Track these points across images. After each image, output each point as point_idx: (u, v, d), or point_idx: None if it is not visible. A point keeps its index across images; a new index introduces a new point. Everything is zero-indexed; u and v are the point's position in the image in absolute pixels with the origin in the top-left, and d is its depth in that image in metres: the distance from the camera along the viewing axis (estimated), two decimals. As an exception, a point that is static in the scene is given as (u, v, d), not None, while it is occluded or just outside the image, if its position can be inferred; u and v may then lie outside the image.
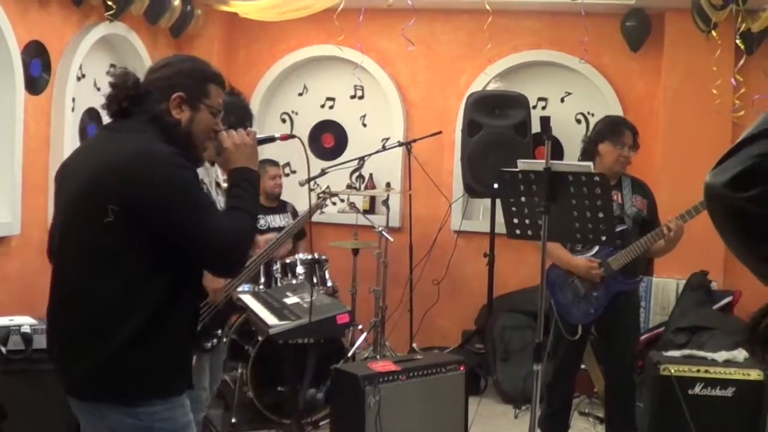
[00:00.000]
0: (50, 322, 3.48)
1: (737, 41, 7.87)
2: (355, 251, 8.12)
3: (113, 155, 3.32)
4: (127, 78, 3.45)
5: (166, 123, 3.46)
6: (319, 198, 7.31)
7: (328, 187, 7.67)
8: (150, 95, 3.45)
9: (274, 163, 8.36)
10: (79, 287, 3.33)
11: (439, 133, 8.65)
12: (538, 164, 4.80)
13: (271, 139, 3.88)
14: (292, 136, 3.97)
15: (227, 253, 3.42)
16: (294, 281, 7.04)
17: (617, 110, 8.49)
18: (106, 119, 3.56)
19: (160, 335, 3.31)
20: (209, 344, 4.92)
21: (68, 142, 7.33)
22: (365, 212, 8.85)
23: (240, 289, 6.82)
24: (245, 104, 5.32)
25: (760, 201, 1.70)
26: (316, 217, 8.89)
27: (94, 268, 3.30)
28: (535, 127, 8.30)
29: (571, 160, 8.09)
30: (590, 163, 5.13)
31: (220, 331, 5.05)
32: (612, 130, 6.12)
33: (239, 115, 4.88)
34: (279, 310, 5.32)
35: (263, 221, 7.84)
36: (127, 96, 3.42)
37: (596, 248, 6.04)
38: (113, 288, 3.26)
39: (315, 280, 7.22)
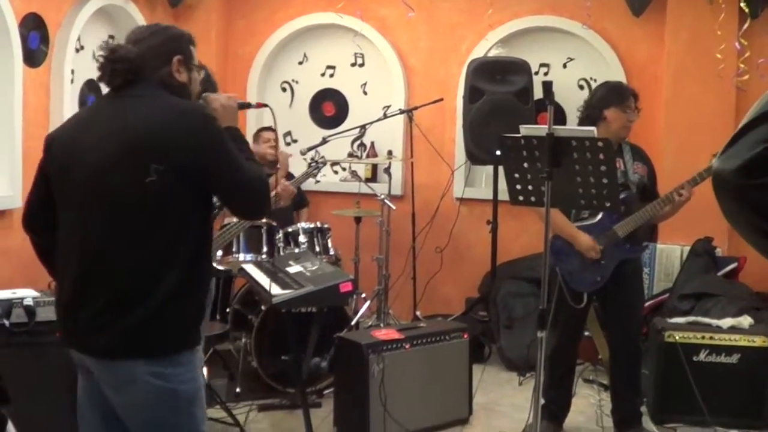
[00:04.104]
0: (78, 287, 3.47)
1: (741, 4, 7.82)
2: (358, 220, 8.10)
3: (145, 117, 3.45)
4: (120, 50, 3.56)
5: (174, 85, 3.62)
6: (310, 166, 7.29)
7: (322, 156, 7.62)
8: (150, 62, 3.56)
9: (268, 128, 8.32)
10: (116, 250, 3.39)
11: (441, 100, 8.61)
12: (540, 129, 4.75)
13: (247, 105, 4.16)
14: (265, 105, 4.30)
15: (261, 195, 3.64)
16: (296, 250, 7.02)
17: (620, 76, 8.44)
18: (105, 90, 3.62)
19: (192, 289, 3.49)
20: None
21: (68, 114, 7.25)
22: (367, 180, 8.83)
23: (242, 258, 6.84)
24: (208, 76, 5.43)
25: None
26: (318, 186, 8.87)
27: (131, 229, 3.39)
28: (537, 93, 8.24)
29: (574, 126, 8.05)
30: (593, 128, 5.07)
31: None
32: (619, 95, 6.07)
33: (205, 86, 5.06)
34: (282, 279, 5.31)
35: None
36: (131, 67, 3.53)
37: (601, 215, 6.01)
38: (151, 247, 3.39)
39: (317, 249, 7.20)
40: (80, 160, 3.50)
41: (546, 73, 9.07)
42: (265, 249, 7.01)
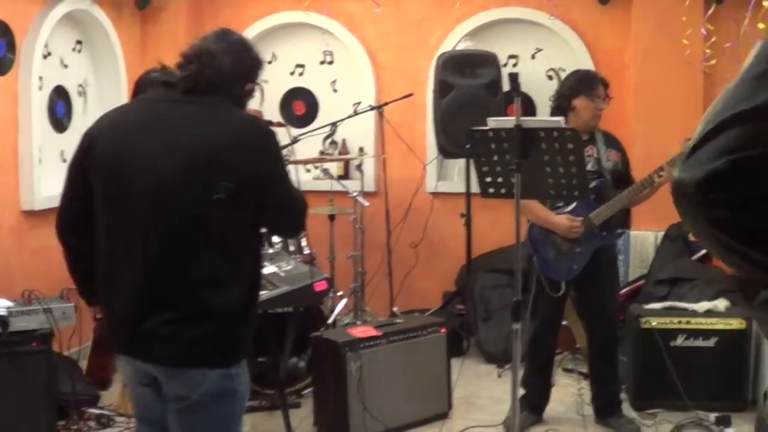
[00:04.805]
0: (139, 298, 3.51)
1: (706, -11, 7.85)
2: (331, 217, 8.07)
3: (218, 131, 3.50)
4: (218, 58, 3.58)
5: (243, 104, 3.80)
6: None
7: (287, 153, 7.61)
8: (234, 80, 3.65)
9: None
10: (183, 265, 3.45)
11: (411, 95, 8.59)
12: (508, 121, 4.76)
13: (270, 123, 4.46)
14: (284, 125, 4.88)
15: (303, 214, 3.84)
16: (270, 250, 6.99)
17: (588, 64, 8.45)
18: (75, 96, 3.65)
19: (251, 303, 3.64)
20: None
21: (37, 121, 7.27)
22: (340, 178, 8.79)
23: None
24: None
25: (730, 205, 1.65)
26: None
27: (198, 242, 3.46)
28: (507, 86, 8.24)
29: (543, 116, 8.06)
30: (561, 118, 5.09)
31: None
32: (586, 84, 6.10)
33: None
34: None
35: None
36: (218, 81, 3.57)
37: (574, 204, 6.01)
38: (222, 260, 3.48)
39: (292, 249, 7.17)
40: (140, 164, 3.50)
41: (515, 65, 9.07)
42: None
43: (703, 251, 7.86)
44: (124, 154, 3.53)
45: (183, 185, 3.42)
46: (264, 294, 4.99)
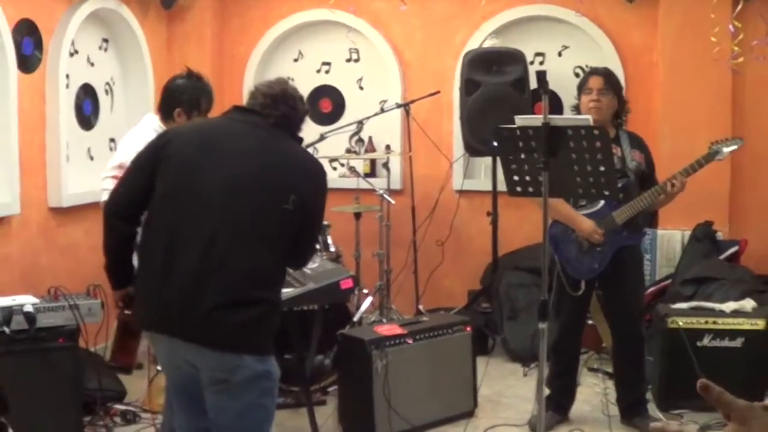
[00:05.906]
0: (196, 284, 3.89)
1: (734, -14, 7.80)
2: (357, 215, 8.08)
3: (293, 154, 4.22)
4: (299, 107, 4.34)
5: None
6: None
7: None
8: (300, 122, 4.36)
9: None
10: (242, 256, 3.91)
11: (437, 93, 8.59)
12: (536, 119, 4.74)
13: None
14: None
15: (315, 252, 4.65)
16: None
17: (615, 62, 8.41)
18: (102, 94, 3.88)
19: (281, 299, 4.22)
20: None
21: (64, 119, 7.30)
22: (366, 176, 8.79)
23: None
24: (201, 87, 5.77)
25: None
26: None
27: (259, 240, 3.96)
28: (533, 83, 8.20)
29: (570, 115, 8.03)
30: (588, 117, 5.08)
31: None
32: (580, 83, 6.17)
33: (197, 93, 5.62)
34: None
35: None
36: (293, 121, 4.28)
37: (601, 203, 5.99)
38: (271, 260, 4.01)
39: (317, 246, 7.17)
40: (218, 167, 4.01)
41: (541, 63, 9.03)
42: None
43: (731, 250, 7.83)
44: (202, 155, 4.07)
45: (259, 192, 3.98)
46: (290, 291, 5.03)
